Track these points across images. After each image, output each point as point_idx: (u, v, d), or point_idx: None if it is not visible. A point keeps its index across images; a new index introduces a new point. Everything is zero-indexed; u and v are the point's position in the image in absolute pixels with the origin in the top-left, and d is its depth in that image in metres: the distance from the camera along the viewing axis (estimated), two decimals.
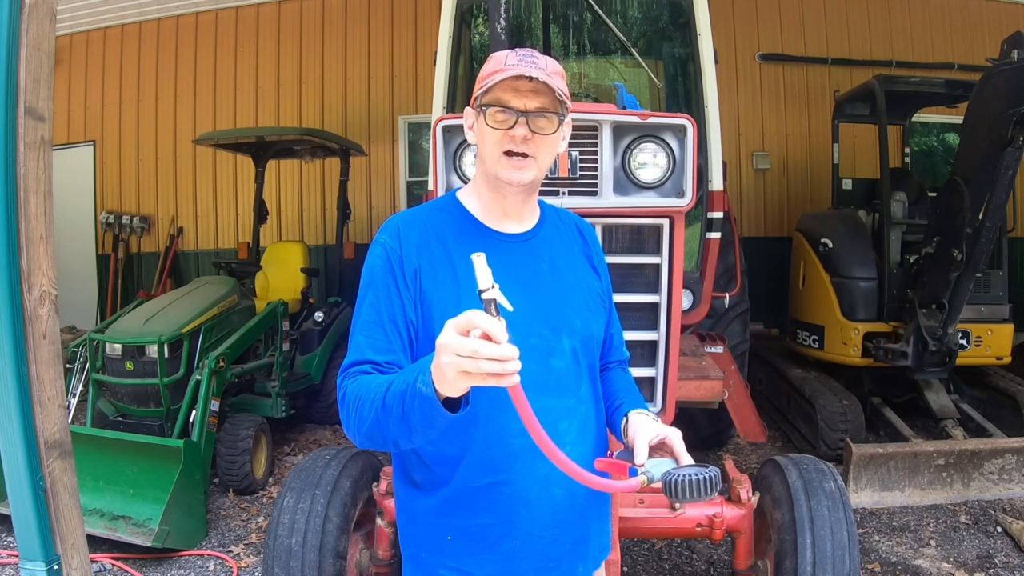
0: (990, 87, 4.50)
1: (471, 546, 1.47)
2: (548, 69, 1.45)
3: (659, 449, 1.40)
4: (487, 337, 1.07)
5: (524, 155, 1.45)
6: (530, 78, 1.41)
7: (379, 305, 1.45)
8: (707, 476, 1.25)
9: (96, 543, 3.64)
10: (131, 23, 8.66)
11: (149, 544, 3.58)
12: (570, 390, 1.53)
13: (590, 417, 1.57)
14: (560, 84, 1.45)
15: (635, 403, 1.59)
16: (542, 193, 2.49)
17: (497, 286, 1.08)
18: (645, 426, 1.43)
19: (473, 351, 1.06)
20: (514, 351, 1.07)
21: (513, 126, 1.43)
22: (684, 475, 1.26)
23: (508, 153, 1.45)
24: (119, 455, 3.93)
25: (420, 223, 1.54)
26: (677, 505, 2.77)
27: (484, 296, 1.08)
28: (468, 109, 1.56)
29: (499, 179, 1.48)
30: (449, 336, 1.09)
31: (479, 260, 1.11)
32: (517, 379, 1.10)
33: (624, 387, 1.68)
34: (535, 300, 1.50)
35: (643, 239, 2.53)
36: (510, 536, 1.46)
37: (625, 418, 1.53)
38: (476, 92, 1.49)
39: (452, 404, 1.18)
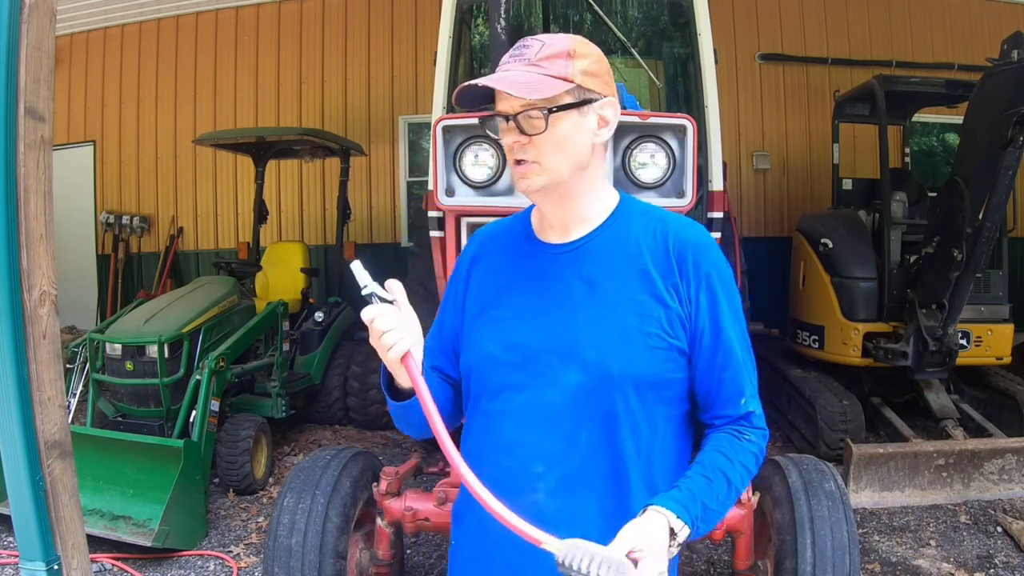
0: (990, 87, 4.50)
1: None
2: (538, 56, 1.27)
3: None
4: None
5: (525, 161, 1.31)
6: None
7: (442, 312, 1.52)
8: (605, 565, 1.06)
9: (96, 543, 3.63)
10: (131, 23, 8.66)
11: (149, 544, 3.58)
12: (560, 433, 1.30)
13: (594, 474, 1.30)
14: (556, 68, 1.26)
15: (672, 498, 1.21)
16: None
17: (375, 284, 1.27)
18: (627, 531, 1.15)
19: (373, 337, 1.26)
20: (384, 330, 1.24)
21: (505, 134, 1.31)
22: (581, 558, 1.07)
23: (517, 162, 1.32)
24: (119, 455, 3.93)
25: (492, 234, 1.52)
26: None
27: (363, 293, 1.26)
28: None
29: (519, 189, 1.36)
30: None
31: (355, 266, 1.27)
32: (397, 353, 1.25)
33: (698, 467, 1.28)
34: (552, 322, 1.34)
35: None
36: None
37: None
38: (458, 101, 1.38)
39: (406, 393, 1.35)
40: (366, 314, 1.25)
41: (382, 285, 1.28)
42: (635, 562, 1.11)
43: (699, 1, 3.60)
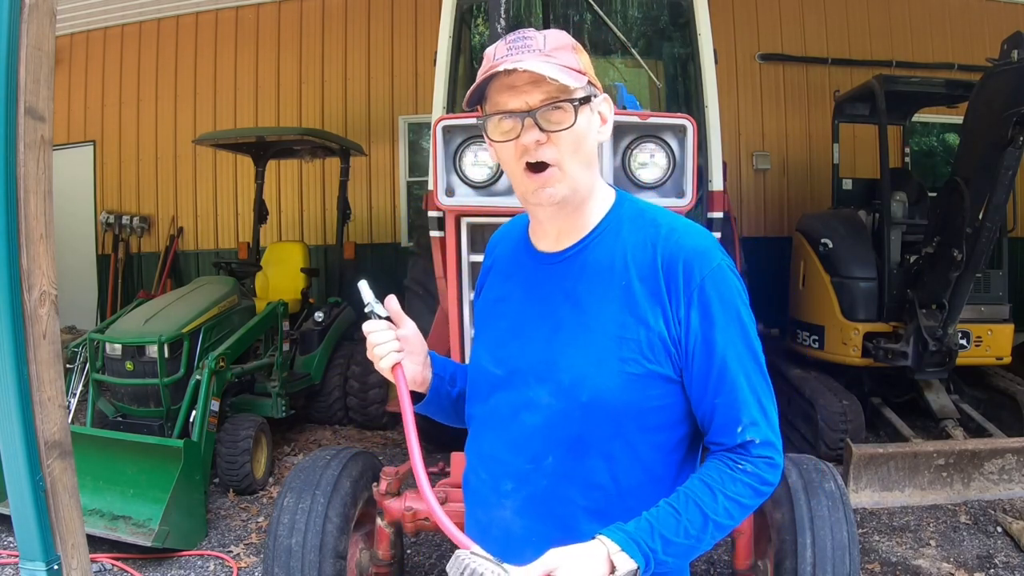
0: (990, 87, 4.50)
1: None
2: (547, 46, 1.19)
3: None
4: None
5: (545, 165, 1.20)
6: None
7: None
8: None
9: (96, 543, 3.63)
10: (131, 23, 8.65)
11: (149, 544, 3.58)
12: (531, 455, 1.25)
13: (561, 499, 1.24)
14: (568, 59, 1.19)
15: (623, 528, 1.14)
16: None
17: (377, 303, 1.38)
18: (551, 554, 1.10)
19: (369, 350, 1.37)
20: (376, 344, 1.34)
21: (521, 133, 1.19)
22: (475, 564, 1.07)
23: (531, 168, 1.21)
24: (119, 455, 3.93)
25: (501, 239, 1.49)
26: None
27: (366, 310, 1.38)
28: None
29: (529, 202, 1.25)
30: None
31: (362, 284, 1.39)
32: (387, 364, 1.34)
33: (673, 497, 1.19)
34: (535, 339, 1.28)
35: None
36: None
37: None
38: (467, 101, 1.26)
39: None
40: (364, 328, 1.37)
41: (382, 302, 1.39)
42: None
43: (699, 1, 3.60)
